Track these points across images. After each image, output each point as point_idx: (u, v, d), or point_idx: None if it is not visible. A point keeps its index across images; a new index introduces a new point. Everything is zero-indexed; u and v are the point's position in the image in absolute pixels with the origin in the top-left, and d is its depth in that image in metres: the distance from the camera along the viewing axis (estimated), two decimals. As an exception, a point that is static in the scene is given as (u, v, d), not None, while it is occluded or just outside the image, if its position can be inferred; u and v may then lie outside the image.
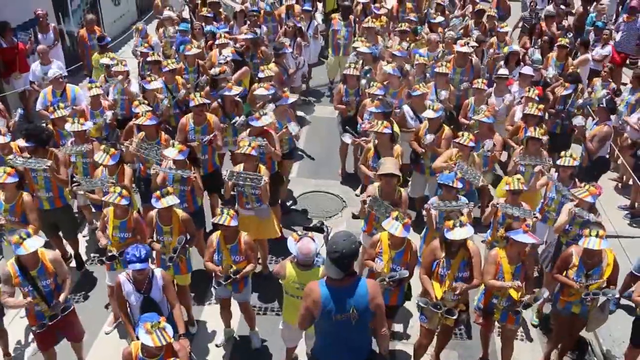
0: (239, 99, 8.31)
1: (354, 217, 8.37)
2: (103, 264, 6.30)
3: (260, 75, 8.50)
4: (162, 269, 5.57)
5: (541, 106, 7.98)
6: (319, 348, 4.65)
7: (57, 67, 9.40)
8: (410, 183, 8.36)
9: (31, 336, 6.22)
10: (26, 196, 6.36)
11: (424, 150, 7.69)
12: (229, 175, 6.52)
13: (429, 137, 7.49)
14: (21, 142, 6.93)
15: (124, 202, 5.93)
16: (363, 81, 8.89)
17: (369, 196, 6.22)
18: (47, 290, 5.38)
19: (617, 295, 5.90)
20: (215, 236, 5.91)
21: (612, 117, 8.59)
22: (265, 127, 7.20)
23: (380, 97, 7.93)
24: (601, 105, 8.17)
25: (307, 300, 4.33)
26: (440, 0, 12.01)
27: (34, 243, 5.22)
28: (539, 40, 11.05)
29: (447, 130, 7.70)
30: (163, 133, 7.44)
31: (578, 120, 8.21)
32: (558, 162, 6.66)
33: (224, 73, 8.67)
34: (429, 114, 7.62)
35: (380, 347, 4.64)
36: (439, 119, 7.65)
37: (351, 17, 11.62)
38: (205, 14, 11.23)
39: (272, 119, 7.42)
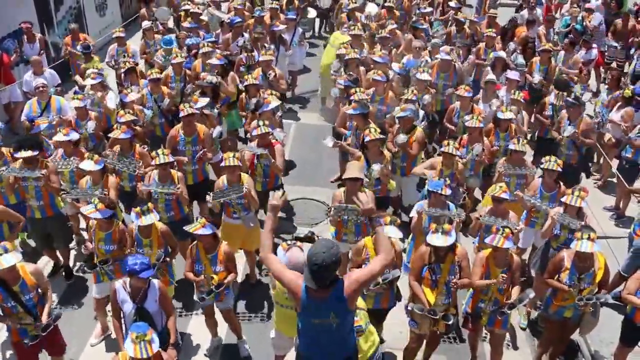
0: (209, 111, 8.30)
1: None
2: (85, 273, 6.22)
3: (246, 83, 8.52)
4: (159, 280, 5.53)
5: (514, 107, 8.02)
6: (301, 345, 4.58)
7: (50, 76, 9.44)
8: None
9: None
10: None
11: (396, 150, 7.71)
12: (212, 198, 6.51)
13: (402, 137, 7.55)
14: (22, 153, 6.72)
15: (98, 215, 5.82)
16: (335, 90, 8.88)
17: (332, 207, 6.35)
18: (31, 304, 5.30)
19: (611, 301, 5.91)
20: (194, 246, 5.88)
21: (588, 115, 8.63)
22: (273, 141, 7.24)
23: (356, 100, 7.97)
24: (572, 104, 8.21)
25: (292, 285, 4.17)
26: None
27: (11, 258, 5.07)
28: (512, 43, 11.17)
29: (418, 132, 7.73)
30: (137, 146, 7.31)
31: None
32: (542, 165, 6.70)
33: (204, 81, 8.60)
34: (396, 112, 7.68)
35: None
36: (409, 119, 7.68)
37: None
38: (187, 25, 11.18)
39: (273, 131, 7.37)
